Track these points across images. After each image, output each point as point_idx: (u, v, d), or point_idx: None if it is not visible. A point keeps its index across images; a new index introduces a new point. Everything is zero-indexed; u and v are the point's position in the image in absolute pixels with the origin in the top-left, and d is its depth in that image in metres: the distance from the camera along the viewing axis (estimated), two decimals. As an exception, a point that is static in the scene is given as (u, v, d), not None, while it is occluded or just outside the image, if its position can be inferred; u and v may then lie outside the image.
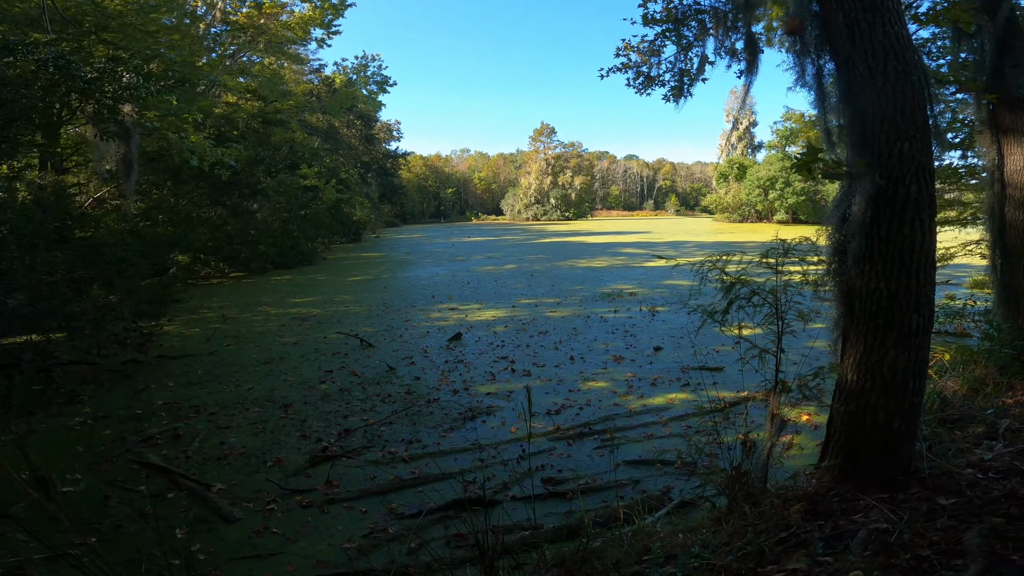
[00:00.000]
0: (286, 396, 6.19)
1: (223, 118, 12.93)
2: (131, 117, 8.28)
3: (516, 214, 57.10)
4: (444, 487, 4.06)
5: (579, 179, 55.14)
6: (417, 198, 58.33)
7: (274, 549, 3.39)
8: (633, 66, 6.68)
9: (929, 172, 2.22)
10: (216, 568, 3.22)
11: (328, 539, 3.48)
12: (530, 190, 55.70)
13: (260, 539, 3.50)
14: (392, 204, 40.39)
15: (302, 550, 3.38)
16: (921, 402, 2.36)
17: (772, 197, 36.93)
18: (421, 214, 58.12)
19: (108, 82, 6.53)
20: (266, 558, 3.30)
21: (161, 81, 7.57)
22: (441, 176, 62.84)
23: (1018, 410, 3.51)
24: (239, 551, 3.36)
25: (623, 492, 3.91)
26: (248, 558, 3.30)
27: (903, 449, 2.30)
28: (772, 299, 2.60)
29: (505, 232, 38.23)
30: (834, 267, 2.41)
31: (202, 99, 14.02)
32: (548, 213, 55.12)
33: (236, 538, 3.51)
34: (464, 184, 65.20)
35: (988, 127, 4.26)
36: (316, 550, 3.37)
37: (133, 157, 8.37)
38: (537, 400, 5.85)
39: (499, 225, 50.24)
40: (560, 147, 56.16)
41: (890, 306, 2.23)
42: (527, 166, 57.25)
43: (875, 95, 2.19)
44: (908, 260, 2.20)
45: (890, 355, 2.24)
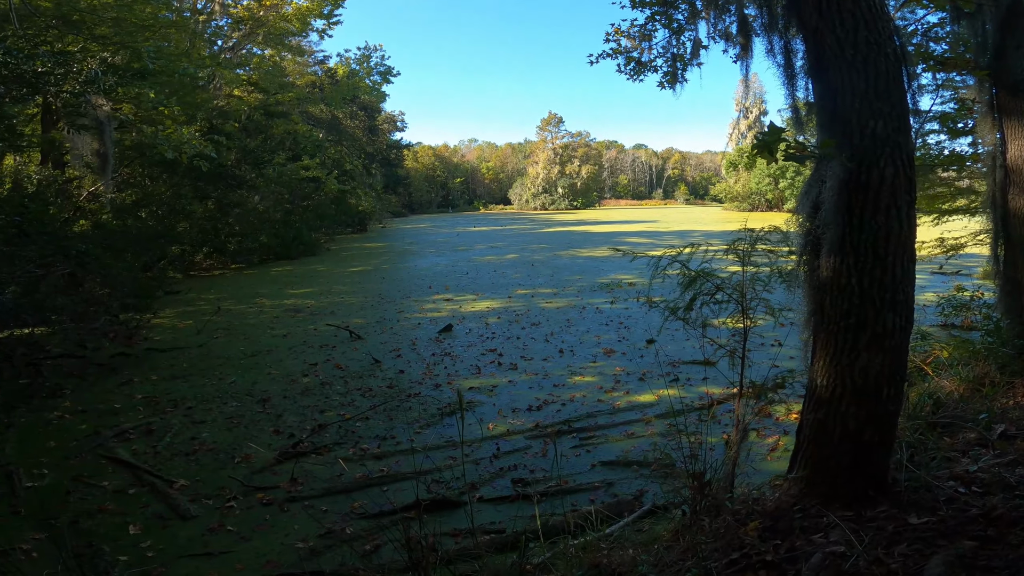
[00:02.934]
0: (267, 390, 6.11)
1: (216, 111, 12.81)
2: (104, 110, 8.19)
3: (524, 203, 56.72)
4: (411, 486, 3.95)
5: (587, 168, 54.55)
6: (425, 188, 58.16)
7: (226, 547, 3.32)
8: (624, 52, 6.41)
9: (907, 154, 1.99)
10: (163, 565, 3.16)
11: (283, 539, 3.40)
12: (537, 179, 55.23)
13: (213, 537, 3.44)
14: (396, 194, 40.27)
15: (254, 549, 3.31)
16: (898, 410, 2.15)
17: (783, 186, 36.18)
18: (429, 204, 57.99)
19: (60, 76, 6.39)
20: (215, 556, 3.24)
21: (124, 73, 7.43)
22: (449, 166, 62.56)
23: (1017, 413, 3.27)
24: (189, 548, 3.31)
25: (595, 495, 3.75)
26: (197, 556, 3.24)
27: (876, 462, 2.10)
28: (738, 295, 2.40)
29: (511, 222, 37.96)
30: (805, 260, 2.20)
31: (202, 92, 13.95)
32: (556, 202, 54.67)
33: (189, 535, 3.46)
34: (472, 174, 64.86)
35: (989, 111, 3.96)
36: (268, 549, 3.30)
37: (108, 150, 8.30)
38: (520, 396, 5.71)
39: (506, 215, 49.95)
40: (568, 136, 55.51)
41: (862, 304, 2.02)
42: (535, 155, 56.73)
43: (845, 69, 1.96)
44: (883, 252, 1.98)
45: (862, 358, 2.03)
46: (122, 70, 7.54)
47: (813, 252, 2.17)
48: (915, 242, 2.06)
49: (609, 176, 68.89)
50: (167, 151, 8.38)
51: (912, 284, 2.05)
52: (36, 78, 6.23)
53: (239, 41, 18.31)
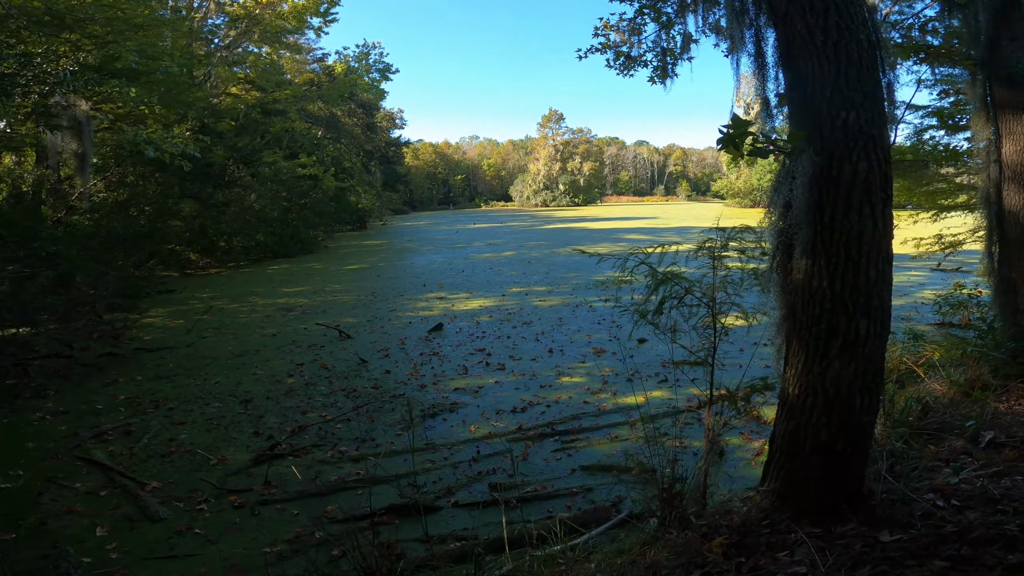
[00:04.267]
0: (250, 390, 6.04)
1: (207, 109, 12.71)
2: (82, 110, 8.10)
3: (525, 200, 56.56)
4: (387, 490, 3.88)
5: (588, 165, 54.32)
6: (426, 185, 58.05)
7: (191, 550, 3.28)
8: (613, 46, 6.27)
9: (882, 147, 1.86)
10: (126, 567, 3.12)
11: (251, 542, 3.34)
12: (539, 176, 55.05)
13: (180, 539, 3.39)
14: (395, 192, 40.18)
15: (220, 552, 3.26)
16: (872, 421, 2.03)
17: (785, 182, 35.77)
18: (430, 201, 57.89)
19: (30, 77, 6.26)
20: (180, 559, 3.20)
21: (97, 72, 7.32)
22: (450, 163, 62.40)
23: (1009, 419, 3.15)
24: (155, 551, 3.27)
25: (573, 501, 3.66)
26: (162, 558, 3.20)
27: (849, 475, 1.99)
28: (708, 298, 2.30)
29: (511, 218, 37.81)
30: (778, 261, 2.08)
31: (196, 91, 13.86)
32: (557, 199, 54.48)
33: (156, 537, 3.41)
34: (473, 171, 64.68)
35: (983, 106, 3.82)
36: (234, 553, 3.24)
37: (87, 150, 8.21)
38: (505, 397, 5.61)
39: (507, 211, 49.80)
40: (569, 133, 55.28)
41: (834, 308, 1.89)
42: (536, 152, 56.52)
43: (814, 57, 1.83)
44: (855, 253, 1.86)
45: (834, 366, 1.91)
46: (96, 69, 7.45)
47: (785, 253, 2.06)
48: (891, 242, 1.94)
49: (611, 173, 68.56)
50: (147, 150, 8.30)
51: (888, 288, 1.93)
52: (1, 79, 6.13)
53: (235, 39, 18.23)
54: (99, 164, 10.86)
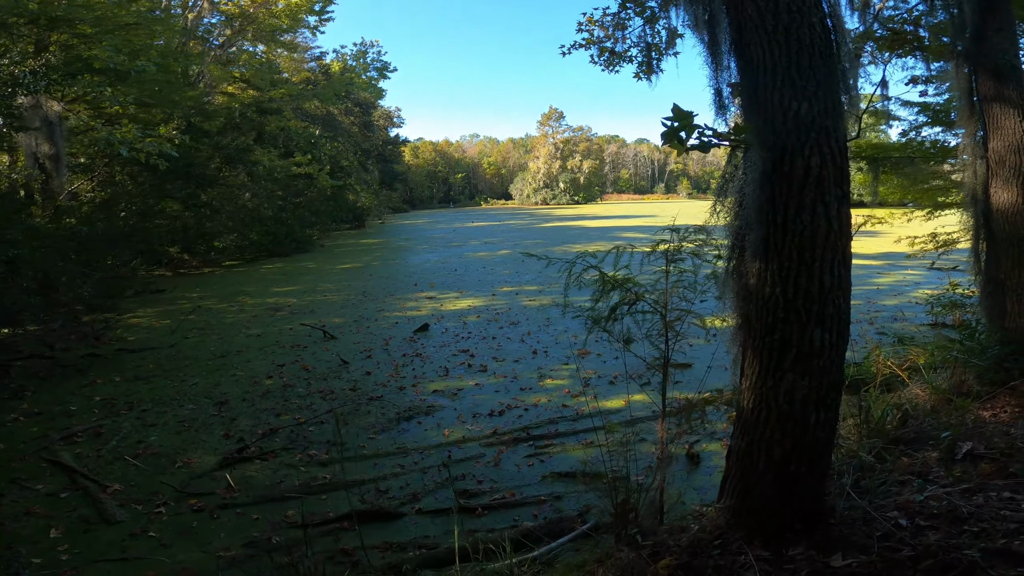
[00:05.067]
0: (227, 392, 5.95)
1: (194, 108, 12.61)
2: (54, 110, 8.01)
3: (525, 198, 56.40)
4: (353, 495, 3.79)
5: (588, 163, 54.12)
6: (426, 183, 57.94)
7: (143, 553, 3.23)
8: (596, 42, 6.14)
9: (837, 140, 1.72)
10: (76, 569, 3.09)
11: (205, 546, 3.29)
12: (539, 174, 54.87)
13: (133, 542, 3.35)
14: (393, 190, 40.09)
15: (172, 555, 3.21)
16: (829, 438, 1.89)
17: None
18: (430, 199, 57.79)
19: None
20: (131, 561, 3.16)
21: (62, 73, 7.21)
22: (450, 161, 62.25)
23: (991, 428, 3.01)
24: (107, 553, 3.23)
25: (540, 510, 3.55)
26: (113, 561, 3.16)
27: (804, 493, 1.86)
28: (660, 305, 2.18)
29: (510, 217, 37.66)
30: (733, 264, 1.96)
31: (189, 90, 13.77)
32: (557, 197, 54.31)
33: (110, 540, 3.37)
34: (474, 169, 64.52)
35: (969, 99, 3.68)
36: (186, 557, 3.19)
37: (60, 151, 8.12)
38: (484, 400, 5.50)
39: (506, 210, 49.65)
40: (569, 131, 55.08)
41: (787, 317, 1.76)
42: (536, 151, 56.34)
43: (765, 42, 1.70)
44: (809, 257, 1.72)
45: (787, 380, 1.78)
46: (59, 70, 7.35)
47: (741, 255, 1.93)
48: (850, 244, 1.81)
49: (611, 171, 68.27)
50: (121, 149, 8.20)
51: (846, 294, 1.80)
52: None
53: (229, 38, 18.15)
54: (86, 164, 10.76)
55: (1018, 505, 1.99)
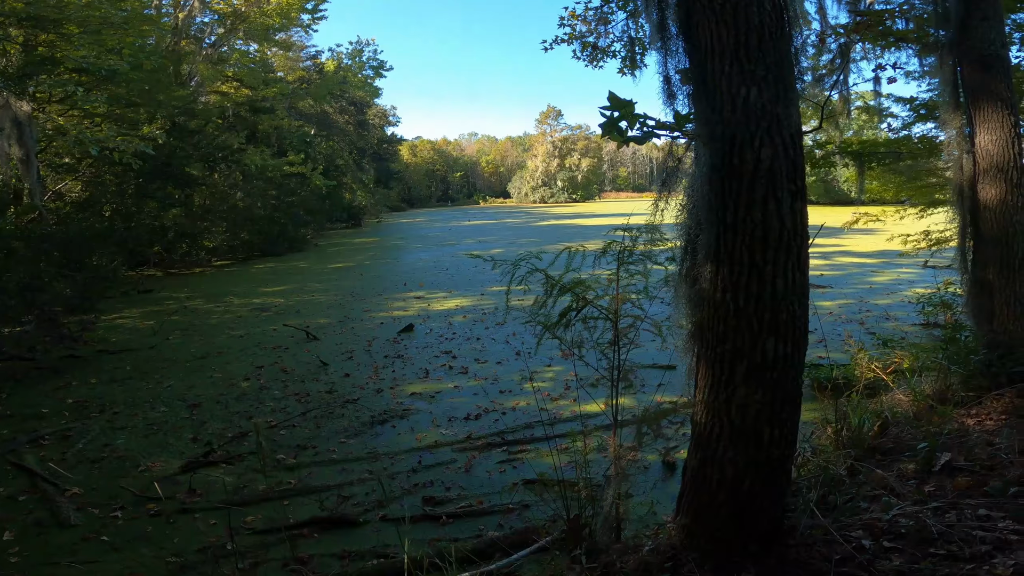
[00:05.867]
0: (201, 395, 5.83)
1: (179, 108, 12.46)
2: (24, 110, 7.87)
3: (523, 197, 56.24)
4: (316, 501, 3.69)
5: (586, 161, 53.96)
6: (425, 182, 57.77)
7: (93, 557, 3.16)
8: (579, 36, 6.00)
9: (790, 130, 1.58)
10: (23, 572, 3.03)
11: (157, 551, 3.20)
12: (537, 173, 54.71)
13: (85, 546, 3.27)
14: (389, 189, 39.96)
15: (122, 560, 3.13)
16: (786, 454, 1.75)
17: (784, 178, 35.49)
18: (428, 198, 57.64)
19: None
20: (80, 566, 3.09)
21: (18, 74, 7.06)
22: (449, 160, 62.06)
23: (975, 437, 2.87)
24: (57, 557, 3.16)
25: (507, 519, 3.42)
26: (60, 564, 3.09)
27: (759, 513, 1.73)
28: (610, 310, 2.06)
29: (507, 215, 37.52)
30: (687, 267, 1.82)
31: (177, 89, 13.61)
32: (555, 195, 54.15)
33: (61, 543, 3.30)
34: (472, 167, 64.33)
35: (954, 92, 3.54)
36: (136, 561, 3.11)
37: (30, 151, 7.99)
38: (461, 403, 5.38)
39: (504, 208, 49.51)
40: (567, 129, 54.88)
41: (738, 326, 1.62)
42: (534, 149, 56.17)
43: (713, 23, 1.56)
44: (760, 260, 1.58)
45: (739, 393, 1.64)
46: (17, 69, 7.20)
47: (694, 258, 1.80)
48: (806, 245, 1.67)
49: (609, 169, 68.06)
50: (92, 148, 8.07)
51: (802, 301, 1.66)
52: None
53: (220, 37, 18.01)
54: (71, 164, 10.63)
55: (994, 524, 1.86)
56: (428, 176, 58.64)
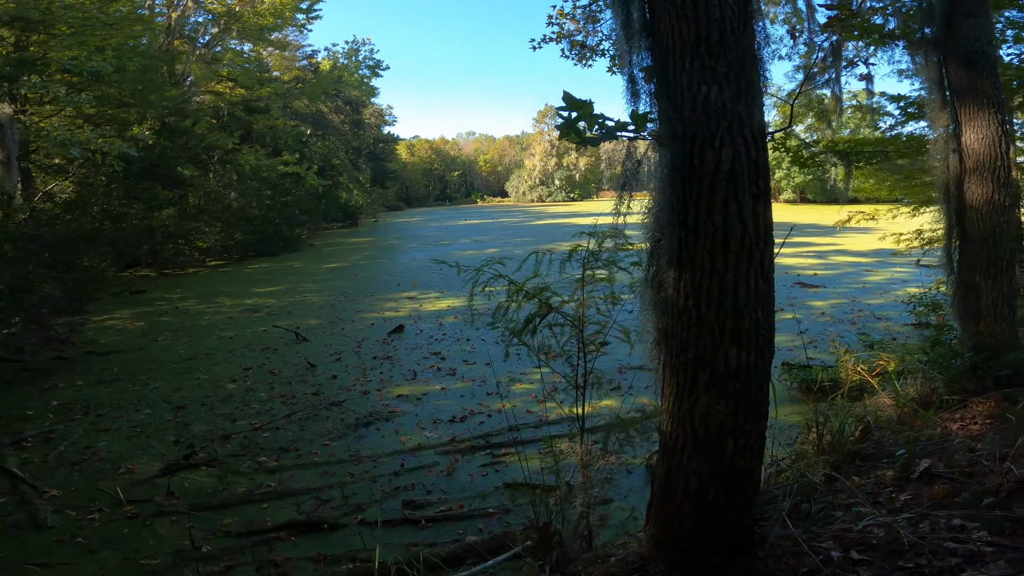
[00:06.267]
0: (186, 396, 5.79)
1: (169, 108, 12.38)
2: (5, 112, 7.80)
3: (521, 196, 56.15)
4: (294, 504, 3.65)
5: (584, 160, 53.85)
6: (422, 181, 57.65)
7: (67, 558, 3.15)
8: (567, 35, 5.94)
9: (752, 130, 1.52)
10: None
11: (132, 553, 3.19)
12: (534, 172, 54.62)
13: (60, 547, 3.27)
14: (385, 188, 39.88)
15: (96, 562, 3.12)
16: (751, 465, 1.70)
17: (778, 177, 35.50)
18: (426, 197, 57.53)
19: None
20: (53, 567, 3.09)
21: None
22: (446, 159, 61.93)
23: (957, 442, 2.82)
24: (30, 558, 3.16)
25: (487, 523, 3.39)
26: (35, 565, 3.09)
27: (723, 525, 1.68)
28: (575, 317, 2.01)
29: (504, 215, 37.46)
30: (653, 272, 1.78)
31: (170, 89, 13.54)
32: (553, 194, 54.07)
33: (37, 545, 3.30)
34: (470, 167, 64.20)
35: (939, 89, 3.49)
36: (110, 563, 3.10)
37: (11, 153, 7.92)
38: (447, 405, 5.35)
39: (501, 207, 49.44)
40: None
41: (700, 333, 1.57)
42: (532, 148, 56.07)
43: (674, 18, 1.50)
44: (721, 265, 1.53)
45: (702, 403, 1.59)
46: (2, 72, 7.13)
47: (659, 263, 1.75)
48: (771, 250, 1.61)
49: (607, 167, 67.93)
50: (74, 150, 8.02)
51: (766, 308, 1.60)
52: None
53: (214, 37, 17.94)
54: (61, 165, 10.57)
55: (968, 535, 1.81)
56: (426, 175, 58.53)
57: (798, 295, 9.35)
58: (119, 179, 11.19)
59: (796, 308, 8.51)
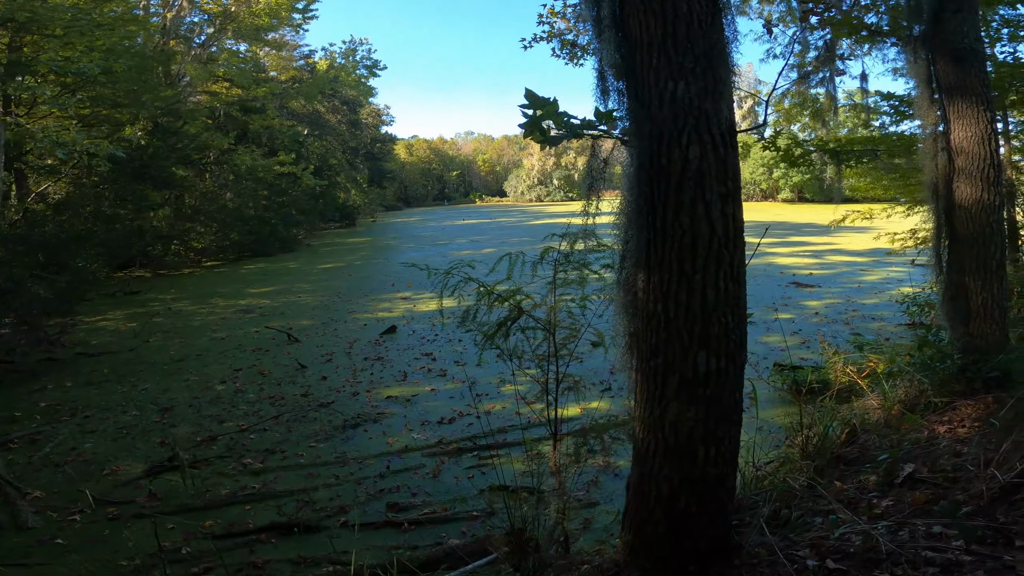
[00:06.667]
0: (175, 398, 5.76)
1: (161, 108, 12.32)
2: None
3: (519, 195, 56.13)
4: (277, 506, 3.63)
5: (582, 160, 53.80)
6: (421, 181, 57.57)
7: (44, 559, 3.14)
8: (558, 34, 5.90)
9: (720, 127, 1.47)
10: None
11: (111, 555, 3.16)
12: (533, 171, 54.61)
13: (39, 548, 3.26)
14: (382, 188, 39.82)
15: (74, 563, 3.10)
16: (724, 472, 1.65)
17: (776, 176, 35.50)
18: (425, 197, 57.46)
19: None
20: (31, 567, 3.08)
21: None
22: (445, 159, 61.85)
23: (943, 446, 2.79)
24: (9, 558, 3.14)
25: (470, 526, 3.36)
26: (12, 566, 3.06)
27: (696, 533, 1.64)
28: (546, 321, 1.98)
29: (502, 214, 37.41)
30: (625, 275, 1.74)
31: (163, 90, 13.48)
32: (551, 194, 54.05)
33: (16, 545, 3.29)
34: (468, 166, 64.12)
35: (928, 87, 3.45)
36: (88, 565, 3.08)
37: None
38: (436, 407, 5.31)
39: (499, 207, 49.39)
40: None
41: (669, 338, 1.53)
42: (530, 148, 55.98)
43: (643, 11, 1.46)
44: (689, 268, 1.49)
45: (671, 409, 1.55)
46: None
47: (628, 265, 1.71)
48: (741, 252, 1.56)
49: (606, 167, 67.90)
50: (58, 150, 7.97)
51: (736, 311, 1.55)
52: None
53: (209, 37, 17.89)
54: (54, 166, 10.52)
55: (947, 543, 1.78)
56: (424, 175, 58.44)
57: (793, 295, 9.32)
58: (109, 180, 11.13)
59: (790, 308, 8.48)
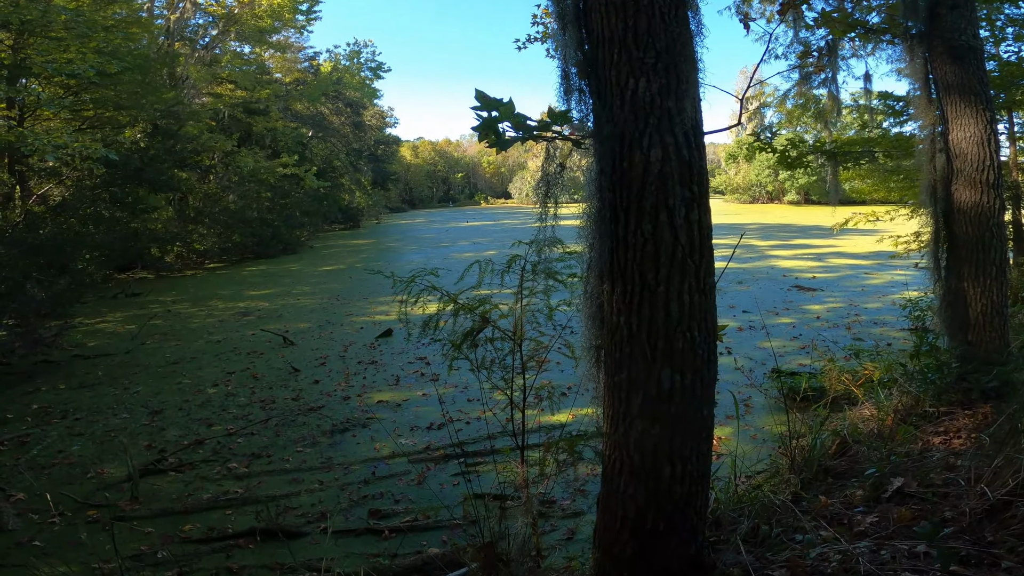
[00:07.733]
0: (166, 401, 5.74)
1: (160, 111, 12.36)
2: None
3: (524, 197, 56.13)
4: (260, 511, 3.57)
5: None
6: (426, 183, 57.73)
7: (21, 561, 3.11)
8: (552, 35, 5.81)
9: (684, 128, 1.40)
10: None
11: (87, 557, 3.13)
12: (538, 173, 54.61)
13: (16, 550, 3.25)
14: (386, 190, 39.93)
15: (51, 565, 3.08)
16: (692, 491, 1.57)
17: (782, 178, 35.24)
18: (430, 199, 57.62)
19: None
20: (7, 568, 3.08)
21: None
22: (450, 160, 61.99)
23: (937, 458, 2.69)
24: None
25: (452, 534, 3.29)
26: None
27: (664, 553, 1.57)
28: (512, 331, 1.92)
29: (506, 216, 37.39)
30: (591, 285, 1.67)
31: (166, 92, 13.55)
32: (556, 196, 54.05)
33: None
34: (473, 168, 64.23)
35: (925, 86, 3.35)
36: (63, 567, 3.05)
37: None
38: (426, 412, 5.25)
39: (504, 209, 49.43)
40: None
41: (632, 353, 1.47)
42: (535, 149, 56.01)
43: (604, 5, 1.38)
44: (652, 280, 1.41)
45: (636, 427, 1.48)
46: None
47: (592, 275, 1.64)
48: (710, 262, 1.48)
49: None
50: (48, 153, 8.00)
51: (703, 324, 1.46)
52: None
53: (212, 39, 17.99)
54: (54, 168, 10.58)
55: (930, 564, 1.69)
56: (429, 177, 58.59)
57: (795, 298, 9.19)
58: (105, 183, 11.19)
59: (792, 312, 8.35)
